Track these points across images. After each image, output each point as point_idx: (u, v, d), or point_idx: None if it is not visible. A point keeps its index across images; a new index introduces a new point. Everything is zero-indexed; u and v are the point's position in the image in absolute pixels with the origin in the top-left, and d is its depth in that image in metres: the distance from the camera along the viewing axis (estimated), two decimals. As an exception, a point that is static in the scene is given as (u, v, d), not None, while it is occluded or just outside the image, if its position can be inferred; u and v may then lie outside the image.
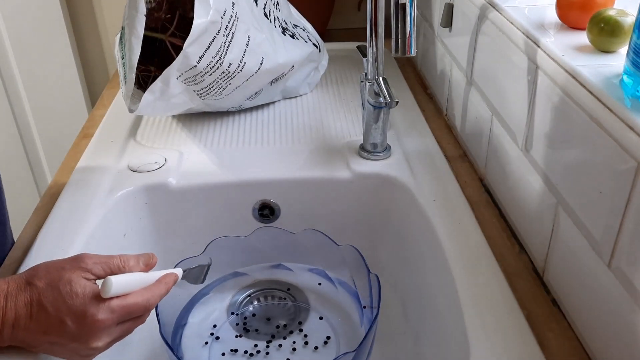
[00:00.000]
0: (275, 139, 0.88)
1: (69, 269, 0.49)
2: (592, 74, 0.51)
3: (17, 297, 0.48)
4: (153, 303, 0.52)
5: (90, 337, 0.48)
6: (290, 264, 0.81)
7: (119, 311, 0.49)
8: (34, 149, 1.55)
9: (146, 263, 0.54)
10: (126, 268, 0.52)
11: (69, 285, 0.48)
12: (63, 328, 0.48)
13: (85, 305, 0.48)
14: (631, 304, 0.46)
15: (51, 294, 0.48)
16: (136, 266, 0.53)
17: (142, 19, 0.77)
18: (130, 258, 0.52)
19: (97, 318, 0.48)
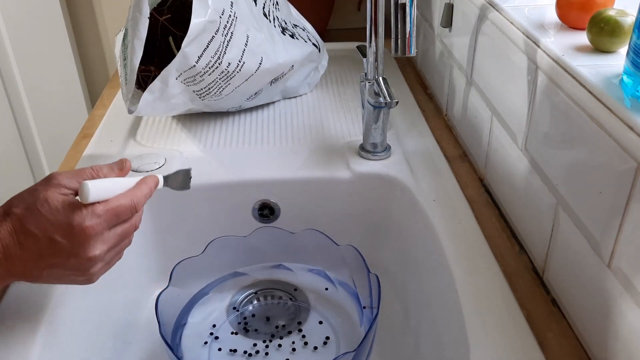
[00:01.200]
0: (275, 139, 0.88)
1: (42, 189, 0.48)
2: (592, 74, 0.51)
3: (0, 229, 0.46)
4: (139, 202, 0.51)
5: (85, 247, 0.47)
6: (290, 264, 0.81)
7: (105, 214, 0.48)
8: (33, 149, 1.55)
9: (120, 167, 0.52)
10: (100, 175, 0.51)
11: (47, 203, 0.47)
12: (55, 246, 0.47)
13: (68, 217, 0.47)
14: (631, 304, 0.46)
15: (32, 216, 0.47)
16: (111, 172, 0.52)
17: (146, 21, 0.77)
18: (103, 166, 0.52)
19: (84, 225, 0.47)
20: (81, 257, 0.48)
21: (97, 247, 0.48)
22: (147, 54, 0.81)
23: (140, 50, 0.78)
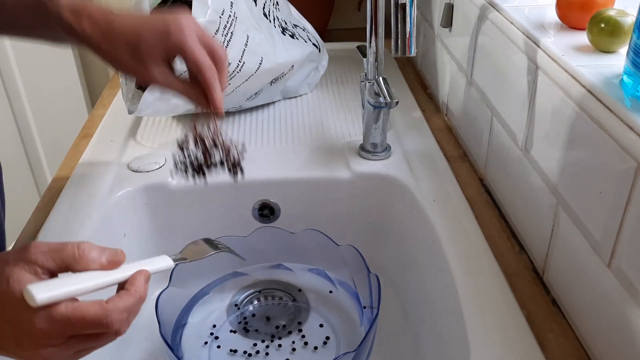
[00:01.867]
0: (275, 139, 0.88)
1: (12, 262, 0.40)
2: (592, 74, 0.51)
3: None
4: (116, 320, 0.41)
5: (35, 347, 0.39)
6: (291, 264, 0.81)
7: (62, 322, 0.39)
8: (34, 149, 1.55)
9: (110, 260, 0.43)
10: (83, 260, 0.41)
11: (6, 284, 0.39)
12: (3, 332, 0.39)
13: (19, 309, 0.38)
14: (631, 304, 0.46)
15: None
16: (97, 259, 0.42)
17: None
18: (93, 249, 0.42)
19: (36, 326, 0.38)
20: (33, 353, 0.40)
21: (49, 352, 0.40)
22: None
23: None
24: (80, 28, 0.52)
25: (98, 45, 0.53)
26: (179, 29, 0.53)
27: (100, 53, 0.54)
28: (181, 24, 0.53)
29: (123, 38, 0.53)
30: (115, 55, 0.53)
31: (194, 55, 0.53)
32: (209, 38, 0.55)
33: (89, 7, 0.53)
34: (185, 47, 0.53)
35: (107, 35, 0.53)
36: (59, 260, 0.41)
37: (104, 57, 0.55)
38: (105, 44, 0.53)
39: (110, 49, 0.53)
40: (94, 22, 0.53)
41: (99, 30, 0.53)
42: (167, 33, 0.53)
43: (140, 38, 0.52)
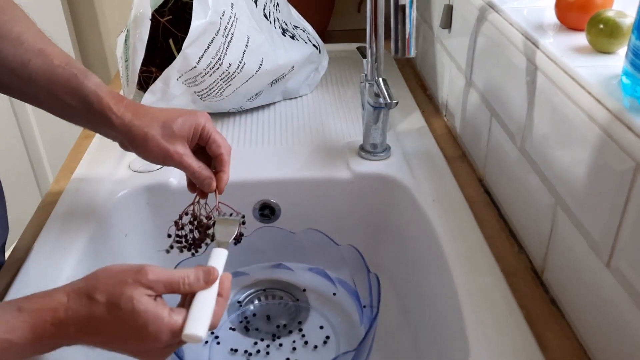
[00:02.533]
0: (276, 140, 0.88)
1: (131, 284, 0.47)
2: (591, 75, 0.51)
3: (78, 311, 0.46)
4: (217, 322, 0.51)
5: (151, 354, 0.48)
6: (291, 264, 0.81)
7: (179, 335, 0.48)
8: (35, 150, 1.55)
9: (206, 280, 0.51)
10: (186, 286, 0.49)
11: (131, 304, 0.46)
12: (125, 346, 0.47)
13: (147, 326, 0.46)
14: (630, 303, 0.46)
15: (113, 311, 0.46)
16: (196, 283, 0.50)
17: (147, 23, 0.78)
18: (191, 274, 0.50)
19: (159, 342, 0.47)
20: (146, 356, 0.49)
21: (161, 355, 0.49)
22: (148, 55, 0.81)
23: (142, 52, 0.78)
24: (118, 109, 0.60)
25: (130, 122, 0.60)
26: (205, 116, 0.62)
27: (130, 130, 0.60)
28: (204, 113, 0.63)
29: (156, 119, 0.61)
30: (147, 133, 0.60)
31: (216, 138, 0.62)
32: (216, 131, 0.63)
33: (124, 98, 0.62)
34: (210, 130, 0.62)
35: (141, 117, 0.61)
36: (169, 289, 0.49)
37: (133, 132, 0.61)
38: (139, 121, 0.60)
39: (143, 126, 0.60)
40: (132, 108, 0.61)
41: (135, 113, 0.61)
42: (195, 118, 0.62)
43: (173, 119, 0.61)
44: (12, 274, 0.64)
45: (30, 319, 0.45)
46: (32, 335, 0.45)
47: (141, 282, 0.47)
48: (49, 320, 0.45)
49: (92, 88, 0.60)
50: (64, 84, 0.60)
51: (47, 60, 0.59)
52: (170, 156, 0.61)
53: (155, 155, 0.62)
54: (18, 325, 0.44)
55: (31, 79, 0.59)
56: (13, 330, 0.44)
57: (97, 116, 0.61)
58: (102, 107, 0.60)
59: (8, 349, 0.44)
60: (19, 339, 0.44)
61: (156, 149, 0.61)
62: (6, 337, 0.44)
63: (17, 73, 0.59)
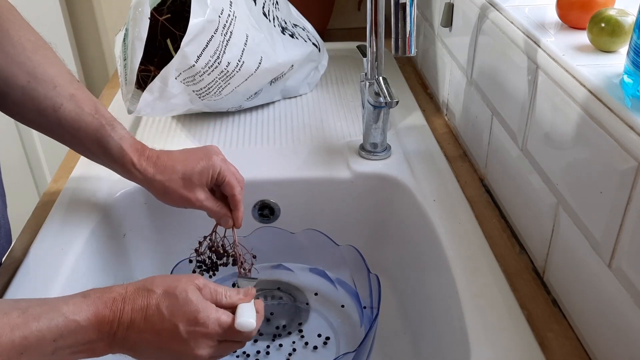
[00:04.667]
0: (275, 139, 0.88)
1: (184, 281, 0.52)
2: (592, 74, 0.51)
3: (135, 300, 0.50)
4: (255, 333, 0.55)
5: (197, 344, 0.51)
6: (290, 264, 0.81)
7: (228, 330, 0.52)
8: (33, 149, 1.55)
9: (245, 294, 0.56)
10: (227, 298, 0.54)
11: (185, 293, 0.51)
12: (175, 331, 0.50)
13: (198, 312, 0.51)
14: (631, 304, 0.45)
15: (168, 299, 0.50)
16: (236, 296, 0.55)
17: (146, 21, 0.77)
18: (231, 290, 0.56)
19: (208, 327, 0.51)
20: (189, 350, 0.51)
21: (205, 350, 0.52)
22: (146, 53, 0.81)
23: (140, 51, 0.78)
24: (140, 164, 0.65)
25: (152, 177, 0.65)
26: (219, 158, 0.67)
27: (153, 183, 0.66)
28: (218, 154, 0.67)
29: (176, 171, 0.65)
30: (168, 185, 0.66)
31: (230, 180, 0.67)
32: (230, 164, 0.69)
33: (146, 149, 0.66)
34: (225, 173, 0.67)
35: (162, 172, 0.65)
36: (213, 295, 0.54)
37: (155, 185, 0.66)
38: (161, 176, 0.65)
39: (165, 180, 0.65)
40: (152, 161, 0.66)
41: (156, 166, 0.66)
42: (211, 163, 0.66)
43: (192, 169, 0.65)
44: (10, 274, 0.64)
45: (94, 304, 0.49)
46: (94, 319, 0.48)
47: (193, 282, 0.53)
48: (108, 307, 0.49)
49: (116, 141, 0.64)
50: (90, 133, 0.63)
51: (77, 107, 0.63)
52: (192, 203, 0.67)
53: (176, 203, 0.68)
54: (84, 308, 0.48)
55: (60, 123, 0.63)
56: (80, 312, 0.48)
57: (120, 168, 0.66)
58: (124, 162, 0.65)
59: (74, 330, 0.48)
60: (84, 321, 0.48)
61: (177, 199, 0.67)
62: (74, 317, 0.48)
63: (47, 115, 0.62)
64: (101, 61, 1.56)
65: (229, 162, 0.69)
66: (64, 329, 0.47)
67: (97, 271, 0.71)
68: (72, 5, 1.47)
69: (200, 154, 0.67)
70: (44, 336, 0.46)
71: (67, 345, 0.48)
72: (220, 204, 0.68)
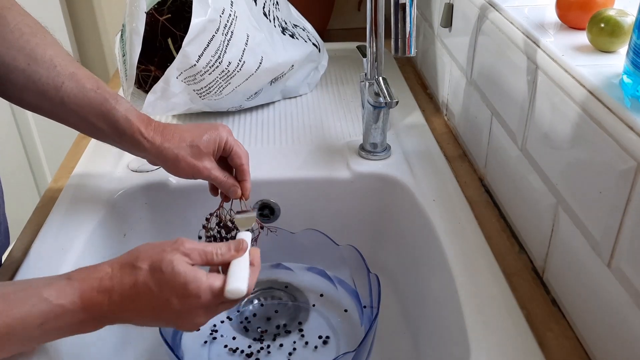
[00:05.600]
0: (275, 139, 0.88)
1: (169, 251, 0.50)
2: (592, 74, 0.51)
3: (122, 279, 0.49)
4: (252, 288, 0.54)
5: (193, 314, 0.51)
6: (290, 264, 0.81)
7: (220, 295, 0.51)
8: (34, 149, 1.55)
9: (237, 249, 0.54)
10: (219, 256, 0.53)
11: (171, 266, 0.49)
12: (168, 306, 0.50)
13: (188, 284, 0.49)
14: (631, 304, 0.46)
15: (155, 274, 0.49)
16: (228, 253, 0.54)
17: (143, 16, 0.77)
18: (222, 246, 0.54)
19: (200, 298, 0.50)
20: (187, 320, 0.51)
21: (203, 317, 0.52)
22: (147, 54, 0.81)
23: (138, 45, 0.78)
24: (148, 133, 0.64)
25: (160, 144, 0.65)
26: (225, 129, 0.67)
27: (161, 152, 0.65)
28: (225, 127, 0.67)
29: (184, 139, 0.65)
30: (177, 154, 0.65)
31: (237, 150, 0.67)
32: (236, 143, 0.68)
33: (152, 120, 0.66)
34: (231, 143, 0.67)
35: (170, 139, 0.65)
36: (203, 258, 0.52)
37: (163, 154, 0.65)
38: (169, 143, 0.65)
39: (173, 147, 0.65)
40: (160, 130, 0.65)
41: (164, 135, 0.65)
42: (218, 133, 0.66)
43: (199, 138, 0.65)
44: (11, 275, 0.64)
45: (79, 286, 0.48)
46: (80, 302, 0.48)
47: (179, 249, 0.51)
48: (95, 288, 0.49)
49: (122, 113, 0.63)
50: (95, 108, 0.63)
51: (79, 84, 0.62)
52: (200, 172, 0.66)
53: (185, 172, 0.66)
54: (69, 291, 0.48)
55: (63, 102, 0.62)
56: (64, 296, 0.48)
57: (128, 140, 0.65)
58: (132, 132, 0.64)
59: (61, 314, 0.47)
60: (70, 305, 0.48)
61: (186, 167, 0.66)
62: (59, 302, 0.47)
63: (49, 95, 0.62)
64: (101, 61, 1.56)
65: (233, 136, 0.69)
66: (49, 313, 0.47)
67: (97, 271, 0.71)
68: (72, 5, 1.48)
69: (207, 125, 0.67)
70: (27, 322, 0.46)
71: (55, 327, 0.48)
72: (228, 174, 0.68)
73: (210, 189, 0.71)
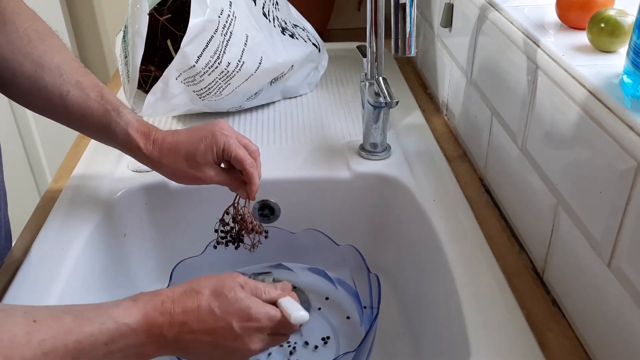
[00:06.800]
0: (275, 139, 0.88)
1: (229, 279, 0.53)
2: (592, 74, 0.51)
3: (185, 302, 0.51)
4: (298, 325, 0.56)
5: (251, 339, 0.53)
6: (290, 264, 0.81)
7: (277, 324, 0.54)
8: (34, 149, 1.55)
9: (283, 289, 0.57)
10: (267, 293, 0.55)
11: (234, 292, 0.52)
12: (229, 328, 0.51)
13: (250, 308, 0.52)
14: (631, 303, 0.46)
15: (218, 298, 0.52)
16: (274, 291, 0.56)
17: (146, 18, 0.77)
18: (270, 286, 0.57)
19: (260, 323, 0.52)
20: (244, 345, 0.53)
21: (258, 344, 0.53)
22: (147, 54, 0.81)
23: (141, 47, 0.78)
24: (147, 149, 0.65)
25: (159, 161, 0.66)
26: (223, 134, 0.66)
27: (161, 166, 0.67)
28: (223, 129, 0.66)
29: (180, 153, 0.65)
30: (175, 167, 0.66)
31: (237, 154, 0.66)
32: (242, 137, 0.68)
33: (152, 131, 0.66)
34: (230, 148, 0.66)
35: (167, 155, 0.66)
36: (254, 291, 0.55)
37: (163, 168, 0.67)
38: (166, 159, 0.66)
39: (170, 162, 0.66)
40: (158, 145, 0.66)
41: (161, 150, 0.66)
42: (214, 140, 0.65)
43: (196, 149, 0.65)
44: (11, 275, 0.64)
45: (143, 307, 0.50)
46: (144, 322, 0.49)
47: (236, 279, 0.54)
48: (158, 309, 0.50)
49: (122, 127, 0.64)
50: (97, 119, 0.64)
51: (83, 93, 0.63)
52: (201, 180, 0.67)
53: (187, 181, 0.68)
54: (134, 312, 0.49)
55: (67, 110, 0.63)
56: (130, 316, 0.49)
57: (128, 152, 0.67)
58: (131, 148, 0.66)
59: (125, 334, 0.48)
60: (134, 324, 0.49)
61: (186, 178, 0.67)
62: (124, 321, 0.48)
63: (54, 103, 0.63)
64: (101, 61, 1.56)
65: (238, 134, 0.68)
66: (115, 332, 0.48)
67: (97, 271, 0.71)
68: (72, 5, 1.48)
69: (205, 132, 0.66)
70: (96, 340, 0.47)
71: (118, 349, 0.48)
72: (234, 177, 0.68)
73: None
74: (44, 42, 0.63)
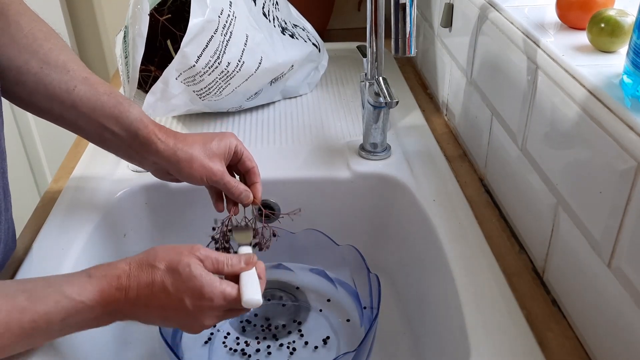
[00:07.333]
0: (275, 139, 0.88)
1: (186, 255, 0.53)
2: (592, 74, 0.51)
3: (140, 278, 0.51)
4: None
5: (204, 315, 0.53)
6: (290, 264, 0.81)
7: (232, 302, 0.53)
8: (34, 149, 1.55)
9: (247, 262, 0.57)
10: (229, 267, 0.55)
11: (189, 268, 0.52)
12: (181, 305, 0.52)
13: (203, 287, 0.52)
14: (631, 303, 0.46)
15: (172, 275, 0.52)
16: (238, 265, 0.56)
17: (146, 18, 0.77)
18: (233, 257, 0.56)
19: (213, 301, 0.52)
20: (197, 321, 0.53)
21: (212, 319, 0.54)
22: (147, 53, 0.81)
23: (142, 47, 0.78)
24: (162, 135, 0.64)
25: (175, 146, 0.64)
26: (234, 137, 0.68)
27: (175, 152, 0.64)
28: (232, 134, 0.68)
29: (196, 141, 0.66)
30: (192, 154, 0.65)
31: (248, 153, 0.68)
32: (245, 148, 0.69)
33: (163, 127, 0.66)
34: (243, 148, 0.68)
35: (183, 141, 0.65)
36: (215, 266, 0.54)
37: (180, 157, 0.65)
38: (181, 144, 0.65)
39: (187, 148, 0.65)
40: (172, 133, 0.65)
41: (176, 137, 0.65)
42: (227, 139, 0.67)
43: (209, 141, 0.66)
44: (11, 274, 0.64)
45: (99, 284, 0.51)
46: (100, 298, 0.50)
47: (195, 254, 0.53)
48: (114, 285, 0.51)
49: (136, 115, 0.64)
50: (108, 110, 0.63)
51: (92, 88, 0.63)
52: (214, 174, 0.66)
53: (199, 175, 0.65)
54: (89, 288, 0.50)
55: (74, 105, 0.62)
56: (85, 293, 0.50)
57: (141, 142, 0.64)
58: (148, 133, 0.63)
59: (81, 310, 0.50)
60: (90, 301, 0.50)
61: (200, 169, 0.65)
62: (80, 298, 0.49)
63: (60, 99, 0.62)
64: (101, 61, 1.56)
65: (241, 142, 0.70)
66: (71, 309, 0.49)
67: (97, 271, 0.71)
68: (72, 5, 1.48)
69: (216, 133, 0.68)
70: (51, 318, 0.48)
71: (75, 323, 0.50)
72: (239, 181, 0.69)
73: (215, 203, 0.70)
74: (49, 41, 0.63)
